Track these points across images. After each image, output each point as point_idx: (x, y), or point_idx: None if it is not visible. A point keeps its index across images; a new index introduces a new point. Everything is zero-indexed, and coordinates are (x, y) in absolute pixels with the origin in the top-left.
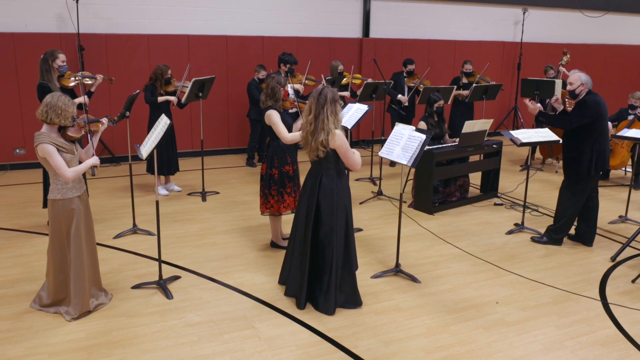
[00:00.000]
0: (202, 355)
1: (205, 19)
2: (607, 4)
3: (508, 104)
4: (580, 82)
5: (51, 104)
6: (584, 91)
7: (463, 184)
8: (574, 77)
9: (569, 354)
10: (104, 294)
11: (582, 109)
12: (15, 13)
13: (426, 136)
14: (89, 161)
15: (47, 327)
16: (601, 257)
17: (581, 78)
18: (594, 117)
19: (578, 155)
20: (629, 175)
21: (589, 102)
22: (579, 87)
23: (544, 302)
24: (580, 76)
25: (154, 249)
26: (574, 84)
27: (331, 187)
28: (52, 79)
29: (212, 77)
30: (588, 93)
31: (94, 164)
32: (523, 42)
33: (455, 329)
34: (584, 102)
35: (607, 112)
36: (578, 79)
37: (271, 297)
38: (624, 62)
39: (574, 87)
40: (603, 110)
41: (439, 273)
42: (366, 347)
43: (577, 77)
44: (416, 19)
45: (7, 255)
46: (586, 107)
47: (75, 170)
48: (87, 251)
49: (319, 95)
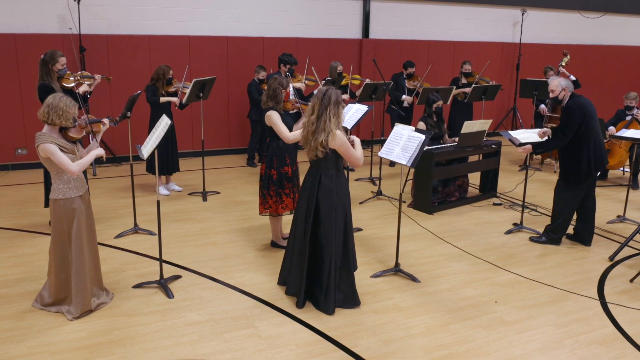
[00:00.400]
0: (202, 354)
1: (206, 19)
2: (605, 5)
3: (507, 104)
4: (561, 87)
5: (53, 105)
6: (567, 95)
7: (462, 184)
8: (554, 84)
9: (568, 352)
10: (105, 293)
11: (569, 114)
12: (17, 14)
13: (425, 136)
14: (94, 152)
15: (48, 326)
16: (599, 257)
17: (561, 84)
18: (583, 119)
19: (576, 159)
20: (627, 176)
21: (574, 106)
22: (561, 92)
23: (542, 302)
24: (560, 82)
25: (155, 248)
26: (555, 91)
27: (330, 187)
28: (52, 80)
29: (212, 78)
30: (571, 97)
31: (98, 155)
32: (522, 42)
33: (454, 328)
34: (569, 108)
35: (594, 111)
36: (558, 85)
37: (271, 296)
38: (622, 63)
39: (556, 94)
40: (589, 109)
41: (438, 272)
42: (366, 346)
43: (557, 84)
44: (416, 20)
45: (8, 254)
46: (572, 112)
47: (80, 163)
48: (89, 251)
49: (323, 96)
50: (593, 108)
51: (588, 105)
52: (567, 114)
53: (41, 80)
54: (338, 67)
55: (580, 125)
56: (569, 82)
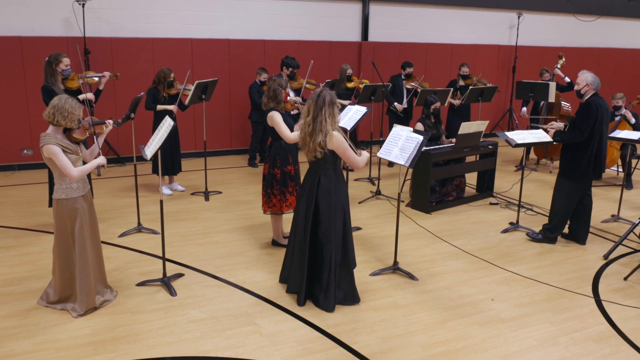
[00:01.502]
0: (205, 350)
1: (208, 23)
2: (599, 9)
3: (503, 106)
4: (586, 82)
5: (58, 106)
6: (589, 92)
7: (459, 183)
8: (581, 77)
9: (563, 349)
10: (109, 290)
11: (587, 111)
12: (23, 17)
13: (423, 137)
14: (96, 161)
15: (54, 324)
16: (594, 255)
17: (587, 79)
18: (595, 120)
19: (577, 159)
20: (621, 175)
21: (592, 104)
22: (584, 87)
23: (538, 299)
24: (587, 77)
25: (158, 247)
26: (580, 84)
27: (329, 187)
28: (56, 81)
29: (214, 80)
30: (594, 95)
31: (100, 164)
32: (518, 45)
33: (451, 325)
34: (587, 105)
35: (608, 116)
36: (584, 80)
37: (272, 294)
38: (616, 65)
39: (580, 87)
40: (603, 113)
41: (436, 271)
42: (365, 342)
43: (584, 78)
44: (414, 23)
45: (15, 253)
46: (590, 109)
47: (81, 169)
48: (92, 249)
49: (317, 98)
50: (608, 113)
51: (604, 108)
52: (585, 111)
53: (45, 82)
54: (347, 70)
55: (594, 125)
56: (596, 80)
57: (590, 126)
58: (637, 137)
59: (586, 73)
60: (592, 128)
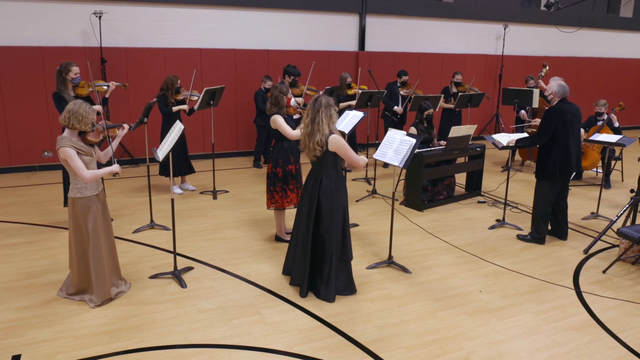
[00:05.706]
0: (213, 338)
1: (216, 34)
2: (580, 21)
3: (490, 111)
4: (552, 90)
5: (73, 111)
6: (555, 100)
7: (450, 183)
8: (549, 85)
9: (545, 337)
10: (123, 282)
11: (546, 117)
12: (44, 28)
13: (416, 140)
14: (109, 168)
15: (72, 314)
16: (575, 250)
17: (552, 87)
18: (556, 125)
19: (545, 160)
20: (600, 176)
21: (552, 111)
22: (550, 95)
23: (522, 291)
24: (552, 85)
25: (170, 242)
26: (548, 91)
27: (330, 187)
28: (66, 89)
29: (222, 87)
30: (560, 101)
31: (113, 171)
32: (504, 55)
33: (442, 315)
34: (548, 112)
35: (574, 119)
36: (550, 88)
37: (276, 286)
38: (595, 73)
39: (547, 94)
40: (567, 117)
41: (427, 264)
42: (362, 331)
43: (550, 87)
44: (407, 34)
45: (36, 248)
46: (550, 116)
47: (93, 173)
48: (106, 244)
49: (315, 102)
50: (575, 116)
51: (567, 112)
52: (546, 117)
53: (56, 89)
54: (347, 79)
55: (555, 130)
56: (561, 88)
57: (548, 131)
58: (614, 139)
59: (554, 81)
60: (555, 132)
